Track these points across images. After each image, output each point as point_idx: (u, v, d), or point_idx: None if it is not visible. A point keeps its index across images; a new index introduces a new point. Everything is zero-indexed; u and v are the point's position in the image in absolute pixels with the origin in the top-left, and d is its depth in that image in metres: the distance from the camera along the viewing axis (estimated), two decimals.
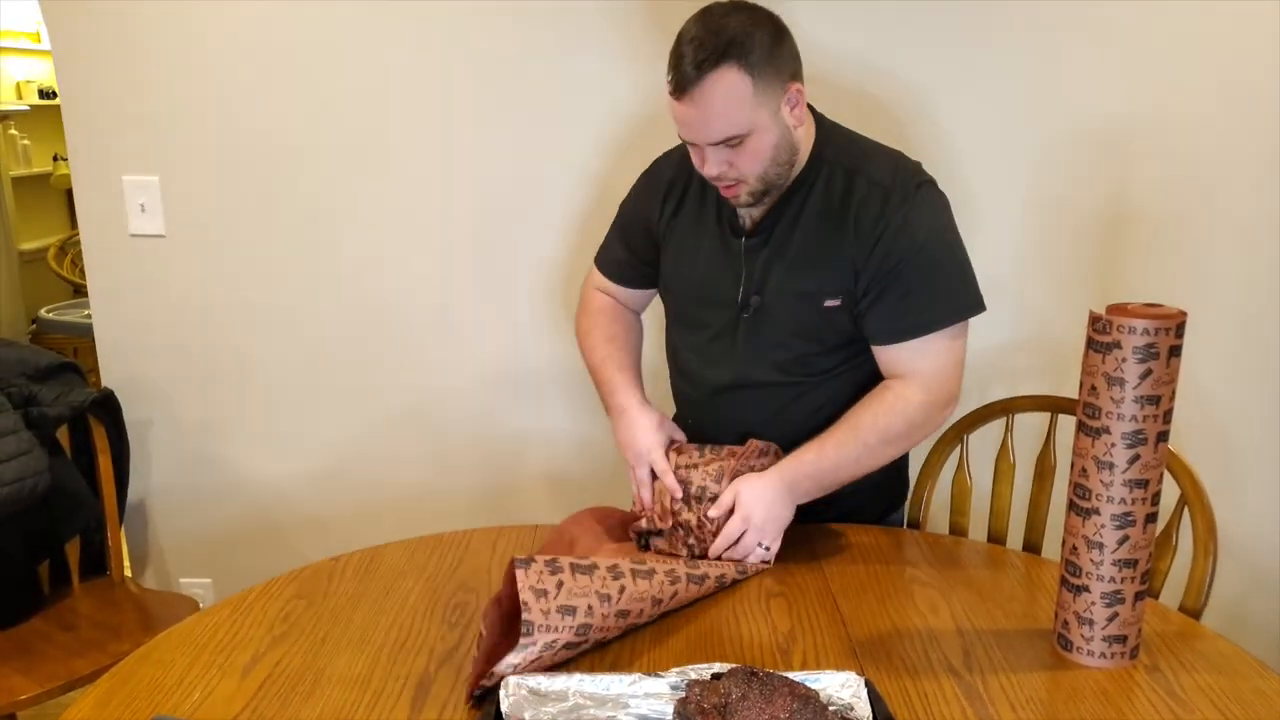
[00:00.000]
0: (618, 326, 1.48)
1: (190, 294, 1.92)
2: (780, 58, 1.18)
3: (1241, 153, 1.73)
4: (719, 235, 1.34)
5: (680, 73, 1.15)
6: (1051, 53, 1.71)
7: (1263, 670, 1.04)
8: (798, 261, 1.28)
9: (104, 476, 1.83)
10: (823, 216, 1.27)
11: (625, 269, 1.48)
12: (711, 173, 1.22)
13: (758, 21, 1.17)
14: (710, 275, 1.35)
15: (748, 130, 1.18)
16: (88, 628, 1.70)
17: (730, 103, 1.16)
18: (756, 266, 1.31)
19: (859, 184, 1.26)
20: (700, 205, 1.37)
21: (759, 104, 1.17)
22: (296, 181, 1.86)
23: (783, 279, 1.29)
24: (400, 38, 1.78)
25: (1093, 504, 1.02)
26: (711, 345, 1.37)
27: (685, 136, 1.22)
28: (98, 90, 1.82)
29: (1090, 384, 1.01)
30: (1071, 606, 1.05)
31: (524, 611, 0.99)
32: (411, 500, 2.00)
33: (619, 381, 1.39)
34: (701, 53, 1.14)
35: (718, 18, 1.16)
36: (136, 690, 1.01)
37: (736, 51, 1.14)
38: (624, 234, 1.47)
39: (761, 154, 1.20)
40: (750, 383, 1.34)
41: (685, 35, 1.17)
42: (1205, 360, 1.79)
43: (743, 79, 1.15)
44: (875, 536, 1.37)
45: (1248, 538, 1.88)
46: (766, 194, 1.26)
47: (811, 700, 0.87)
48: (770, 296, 1.30)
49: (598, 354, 1.44)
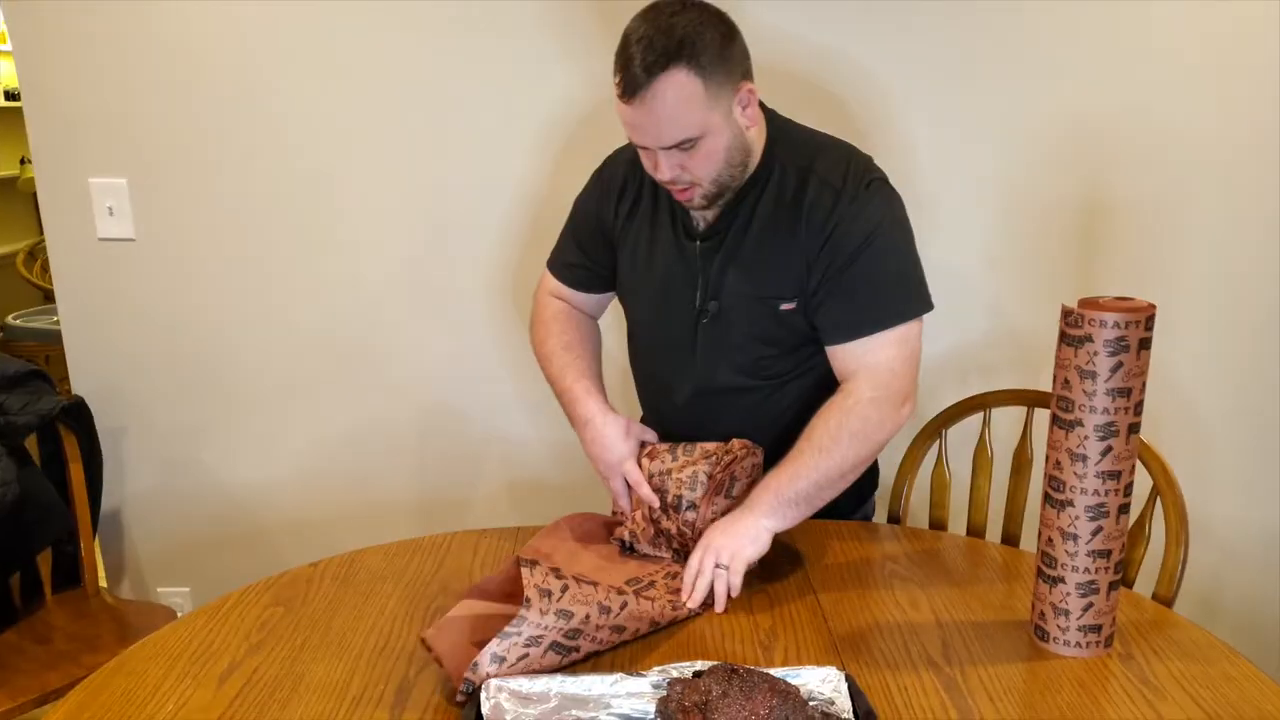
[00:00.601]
0: (573, 333, 1.43)
1: (161, 299, 1.89)
2: (731, 57, 1.16)
3: (1211, 149, 1.75)
4: (674, 238, 1.31)
5: (629, 75, 1.12)
6: (1023, 51, 1.72)
7: (1233, 656, 1.05)
8: (752, 265, 1.26)
9: (75, 486, 1.81)
10: (775, 217, 1.25)
11: (580, 272, 1.44)
12: (665, 177, 1.19)
13: (707, 20, 1.14)
14: (667, 278, 1.32)
15: (701, 133, 1.15)
16: (61, 640, 1.67)
17: (682, 105, 1.12)
18: (712, 270, 1.28)
19: (811, 183, 1.23)
20: (654, 206, 1.34)
21: (711, 106, 1.14)
22: (268, 184, 1.84)
23: (738, 283, 1.27)
24: (360, 41, 1.76)
25: (1067, 496, 1.03)
26: (672, 350, 1.35)
27: (636, 140, 1.19)
28: (62, 90, 1.79)
29: (1063, 377, 1.02)
30: (1048, 598, 1.06)
31: (523, 606, 0.99)
32: (391, 505, 1.99)
33: (579, 391, 1.35)
34: (651, 54, 1.10)
35: (666, 16, 1.12)
36: (109, 702, 0.99)
37: (687, 52, 1.11)
38: (577, 236, 1.43)
39: (715, 156, 1.18)
40: (714, 388, 1.33)
41: (633, 35, 1.13)
42: (1177, 352, 1.82)
43: (694, 81, 1.12)
44: (855, 531, 1.38)
45: (1219, 526, 1.91)
46: (720, 196, 1.24)
47: (792, 696, 0.87)
48: (727, 301, 1.28)
49: (555, 364, 1.40)
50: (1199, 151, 1.75)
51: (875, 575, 1.25)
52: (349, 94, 1.79)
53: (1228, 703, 0.97)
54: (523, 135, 1.80)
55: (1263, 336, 1.83)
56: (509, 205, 1.84)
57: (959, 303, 1.84)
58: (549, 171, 1.81)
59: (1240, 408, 1.86)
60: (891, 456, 1.58)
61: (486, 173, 1.82)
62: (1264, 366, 1.84)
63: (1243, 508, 1.90)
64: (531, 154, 1.81)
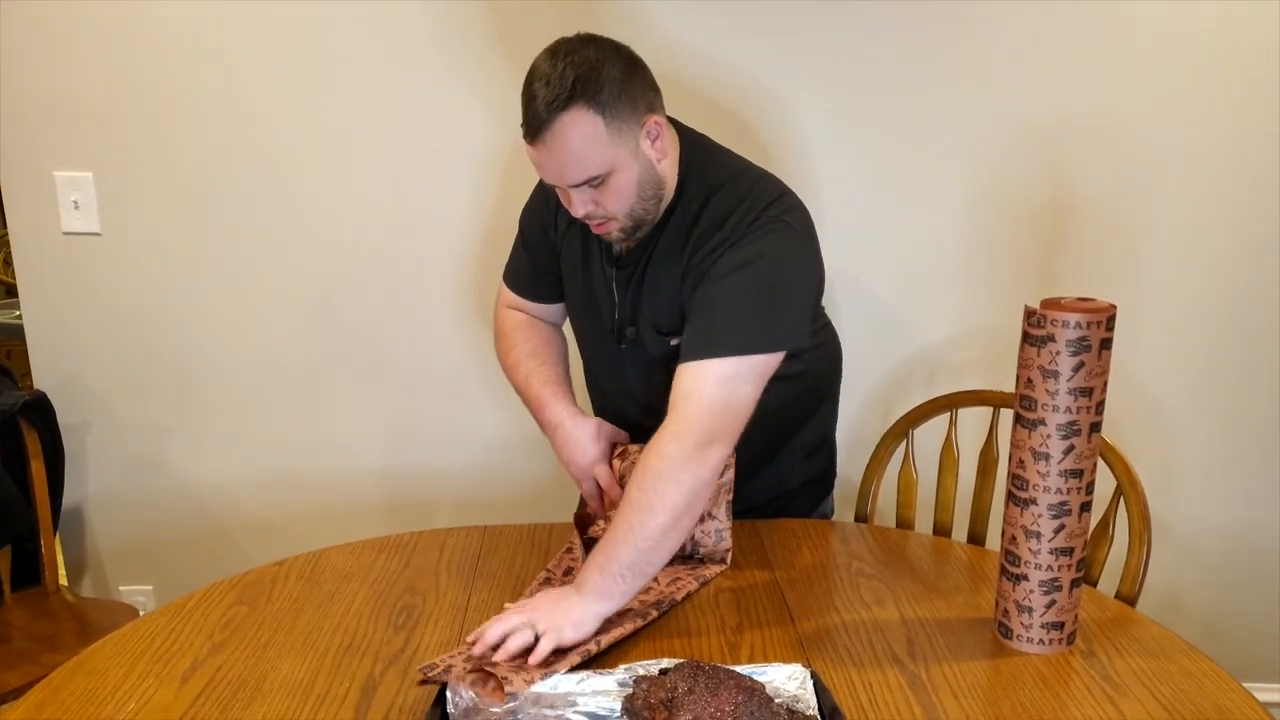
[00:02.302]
0: (536, 340, 1.41)
1: (126, 294, 1.86)
2: (633, 91, 1.13)
3: (1170, 150, 1.78)
4: (599, 263, 1.32)
5: (532, 115, 1.11)
6: (988, 52, 1.74)
7: (1193, 653, 1.07)
8: (653, 298, 1.26)
9: (37, 482, 1.78)
10: (673, 248, 1.24)
11: (533, 284, 1.43)
12: (579, 213, 1.19)
13: (605, 56, 1.12)
14: (592, 300, 1.34)
15: (607, 170, 1.14)
16: (20, 639, 1.64)
17: (584, 144, 1.11)
18: (626, 299, 1.29)
19: (704, 216, 1.21)
20: (585, 226, 1.29)
21: (615, 142, 1.13)
22: (235, 178, 1.82)
23: (644, 314, 1.28)
24: (327, 34, 1.75)
25: (1030, 494, 1.05)
26: (606, 369, 1.37)
27: (545, 179, 1.19)
28: (27, 83, 1.76)
29: (1026, 377, 1.03)
30: (1011, 595, 1.08)
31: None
32: (357, 504, 1.97)
33: (546, 396, 1.34)
34: (550, 93, 1.09)
35: (563, 55, 1.11)
36: (69, 702, 0.98)
37: (587, 90, 1.09)
38: (528, 247, 1.42)
39: (625, 191, 1.16)
40: (647, 406, 1.30)
41: (536, 73, 1.12)
42: (1139, 352, 1.85)
43: (594, 119, 1.10)
44: (822, 530, 1.38)
45: (1180, 526, 1.94)
46: (638, 229, 1.22)
47: (757, 692, 0.87)
48: (641, 328, 1.29)
49: (520, 372, 1.38)
50: (1159, 153, 1.78)
51: (841, 574, 1.26)
52: (318, 90, 1.77)
53: (1187, 698, 0.98)
54: (506, 126, 1.79)
55: (1223, 337, 1.86)
56: (490, 203, 1.83)
57: (925, 305, 1.86)
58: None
59: (1200, 408, 1.90)
60: (859, 456, 1.60)
61: (460, 169, 1.82)
62: (1224, 367, 1.87)
63: (1203, 507, 1.94)
64: (507, 151, 1.80)
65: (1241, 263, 1.82)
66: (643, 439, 1.30)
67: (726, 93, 1.74)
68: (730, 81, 1.74)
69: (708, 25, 1.72)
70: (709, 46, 1.73)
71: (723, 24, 1.72)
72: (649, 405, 1.28)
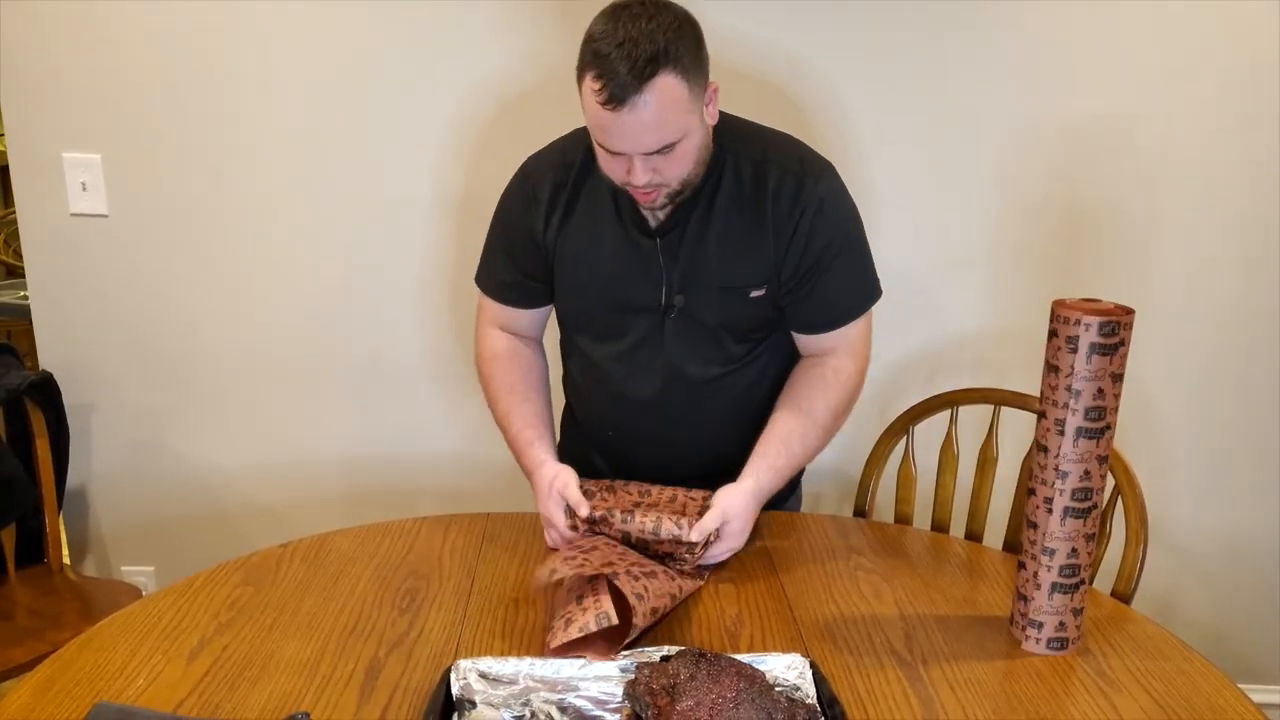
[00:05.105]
0: (515, 373, 1.39)
1: (133, 276, 1.87)
2: (703, 58, 1.16)
3: (1180, 153, 1.78)
4: (625, 236, 1.28)
5: (615, 83, 1.08)
6: (999, 52, 1.75)
7: (1187, 652, 1.08)
8: (719, 255, 1.26)
9: (42, 462, 1.79)
10: (737, 206, 1.26)
11: (516, 290, 1.39)
12: (640, 181, 1.16)
13: (683, 22, 1.13)
14: (622, 279, 1.30)
15: (681, 136, 1.14)
16: (24, 616, 1.66)
17: (669, 110, 1.11)
18: (676, 265, 1.28)
19: (770, 171, 1.25)
20: (593, 206, 1.30)
21: (692, 109, 1.14)
22: (244, 161, 1.82)
23: (706, 274, 1.27)
24: (335, 23, 1.75)
25: (1093, 501, 1.04)
26: (635, 352, 1.33)
27: (615, 148, 1.15)
28: (36, 64, 1.76)
29: (1096, 388, 1.01)
30: (1069, 605, 1.06)
31: (632, 615, 1.03)
32: (360, 490, 1.98)
33: (523, 441, 1.32)
34: (638, 60, 1.07)
35: (644, 21, 1.09)
36: (78, 676, 0.99)
37: (673, 57, 1.09)
38: (509, 253, 1.38)
39: (689, 157, 1.18)
40: (683, 383, 1.32)
41: (609, 39, 1.08)
42: (1139, 352, 1.85)
43: (680, 85, 1.11)
44: (822, 524, 1.40)
45: (1176, 526, 1.95)
46: (681, 194, 1.23)
47: (758, 680, 0.89)
48: (694, 293, 1.28)
49: (500, 407, 1.37)
50: (1169, 155, 1.78)
51: (841, 567, 1.27)
52: (328, 73, 1.78)
53: (1181, 696, 1.00)
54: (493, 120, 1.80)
55: (1224, 340, 1.87)
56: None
57: (929, 302, 1.87)
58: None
59: (1200, 411, 1.91)
60: (859, 451, 1.61)
61: (458, 158, 1.82)
62: (1223, 370, 1.88)
63: (1200, 509, 1.95)
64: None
65: (1242, 265, 1.83)
66: (639, 435, 1.34)
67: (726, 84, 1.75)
68: (733, 73, 1.75)
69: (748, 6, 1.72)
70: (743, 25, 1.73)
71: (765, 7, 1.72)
72: (674, 381, 1.32)
